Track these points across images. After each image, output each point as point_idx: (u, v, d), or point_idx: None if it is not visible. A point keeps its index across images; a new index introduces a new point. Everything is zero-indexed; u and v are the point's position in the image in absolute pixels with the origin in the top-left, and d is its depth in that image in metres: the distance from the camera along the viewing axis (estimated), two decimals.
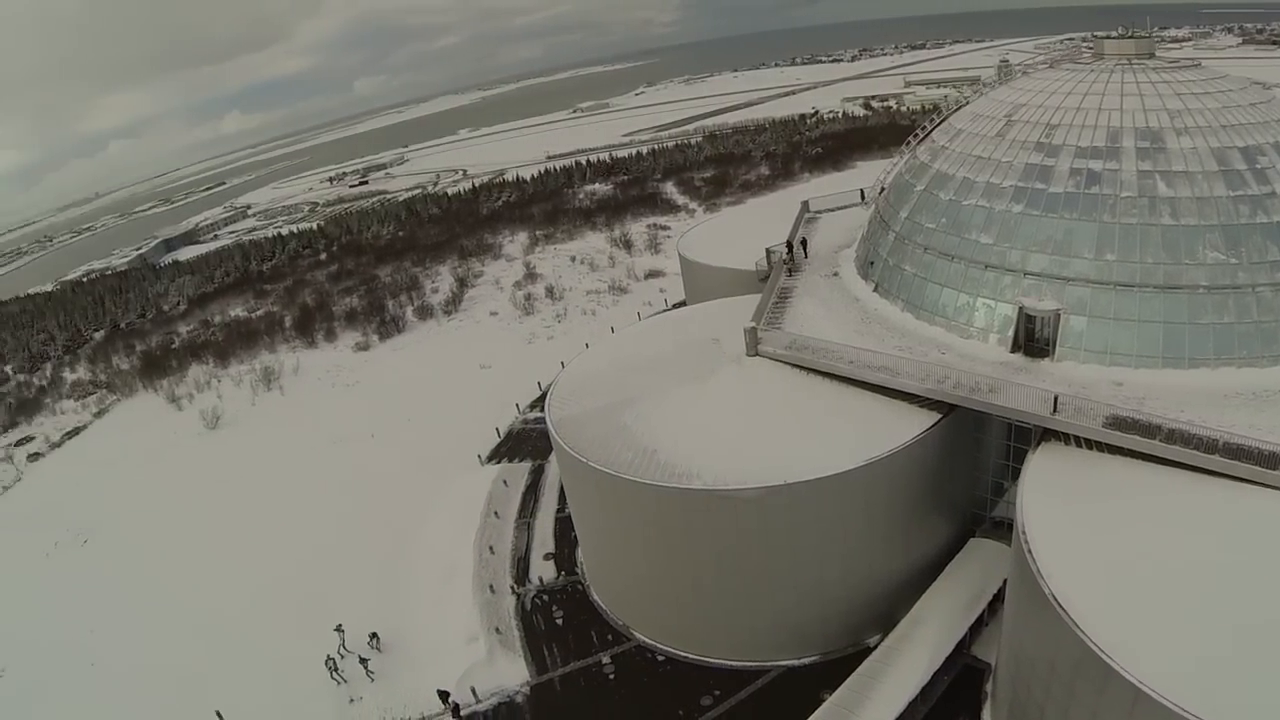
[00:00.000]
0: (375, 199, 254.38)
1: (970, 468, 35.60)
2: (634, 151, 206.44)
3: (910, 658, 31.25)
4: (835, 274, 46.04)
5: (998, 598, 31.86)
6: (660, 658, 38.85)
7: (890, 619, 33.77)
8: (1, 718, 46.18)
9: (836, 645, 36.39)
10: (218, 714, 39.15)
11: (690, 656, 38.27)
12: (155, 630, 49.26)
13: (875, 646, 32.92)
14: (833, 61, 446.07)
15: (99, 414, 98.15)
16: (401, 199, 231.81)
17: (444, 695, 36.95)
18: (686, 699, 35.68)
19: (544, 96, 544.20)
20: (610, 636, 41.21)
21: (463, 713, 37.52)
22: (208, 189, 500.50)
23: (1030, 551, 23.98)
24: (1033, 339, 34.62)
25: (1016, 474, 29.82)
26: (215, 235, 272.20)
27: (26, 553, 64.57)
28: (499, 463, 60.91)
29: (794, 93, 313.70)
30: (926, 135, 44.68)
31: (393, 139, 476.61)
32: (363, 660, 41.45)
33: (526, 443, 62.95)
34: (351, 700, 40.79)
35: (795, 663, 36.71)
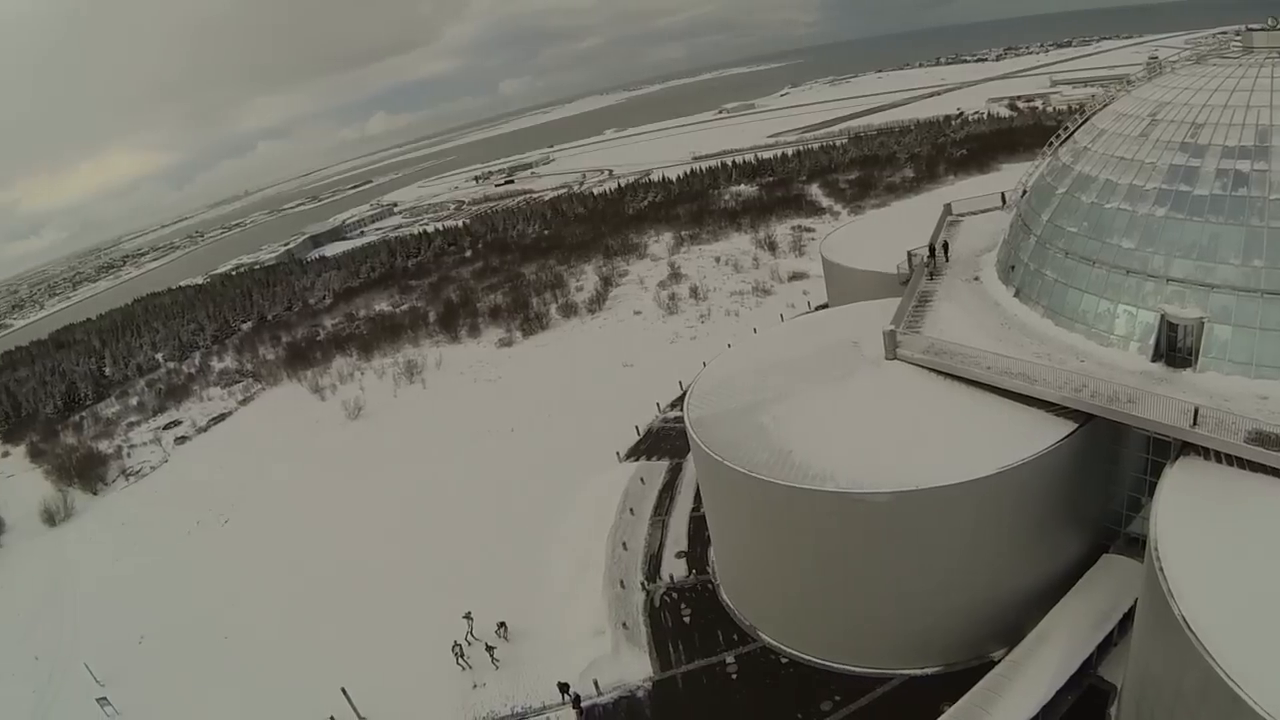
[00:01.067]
0: (521, 198, 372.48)
1: (1105, 480, 49.77)
2: (779, 153, 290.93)
3: (1034, 674, 43.47)
4: (976, 278, 65.90)
5: (1128, 617, 44.21)
6: (784, 660, 54.96)
7: (1016, 633, 47.23)
8: (138, 683, 73.44)
9: (960, 657, 50.64)
10: (343, 690, 59.88)
11: (814, 660, 54.19)
12: (287, 608, 77.76)
13: (999, 661, 46.23)
14: (977, 61, 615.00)
15: (244, 401, 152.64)
16: (547, 198, 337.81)
17: (564, 687, 55.61)
18: (807, 703, 51.18)
19: (689, 97, 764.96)
20: (736, 636, 58.17)
21: (584, 704, 54.86)
22: (354, 187, 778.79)
23: (1162, 570, 33.16)
24: (1174, 348, 48.02)
25: (1153, 489, 41.36)
26: (361, 232, 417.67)
27: (170, 530, 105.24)
28: (637, 460, 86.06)
29: (938, 93, 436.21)
30: (1069, 136, 64.05)
31: (538, 139, 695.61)
32: (489, 648, 61.65)
33: (665, 441, 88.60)
34: (475, 686, 59.88)
35: (918, 673, 50.81)
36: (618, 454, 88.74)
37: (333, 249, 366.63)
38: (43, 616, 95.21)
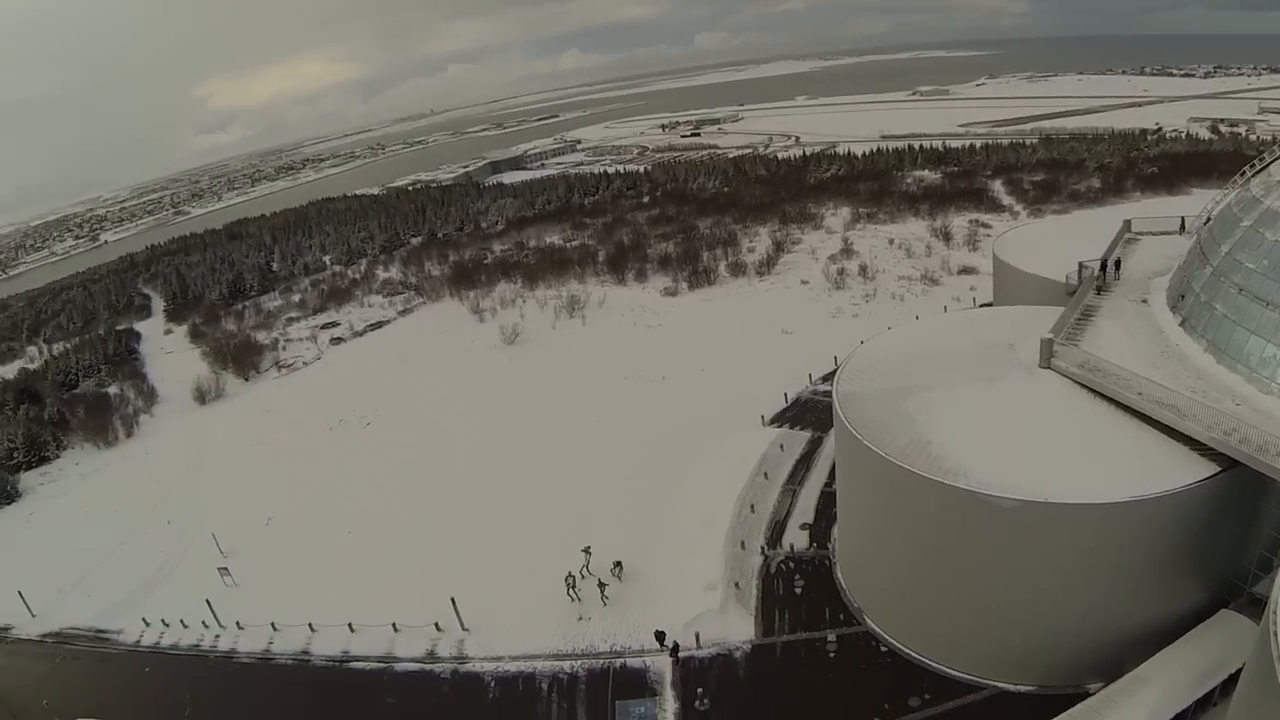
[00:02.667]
0: (705, 152, 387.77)
1: (1240, 533, 48.20)
2: (967, 144, 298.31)
3: (1126, 714, 43.27)
4: (1144, 300, 64.51)
5: (1234, 678, 42.51)
6: (883, 648, 56.23)
7: (1116, 669, 46.78)
8: (258, 560, 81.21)
9: (1056, 681, 50.44)
10: (452, 600, 64.29)
11: (912, 654, 55.31)
12: (413, 513, 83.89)
13: (1094, 693, 46.30)
14: (1184, 76, 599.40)
15: (404, 312, 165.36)
16: (731, 156, 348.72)
17: (660, 636, 58.36)
18: (896, 695, 52.25)
19: (884, 74, 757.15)
20: (842, 616, 59.88)
21: (680, 654, 57.37)
22: (540, 119, 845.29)
23: (1275, 634, 32.28)
24: None
25: None
26: (542, 164, 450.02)
27: (313, 424, 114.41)
28: (780, 427, 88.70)
29: (1138, 104, 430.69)
30: (1264, 168, 61.56)
31: (728, 96, 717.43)
32: (601, 585, 64.47)
33: (811, 413, 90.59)
34: (580, 619, 63.00)
35: (1010, 688, 51.15)
36: (762, 417, 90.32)
37: (511, 177, 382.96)
38: (180, 486, 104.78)
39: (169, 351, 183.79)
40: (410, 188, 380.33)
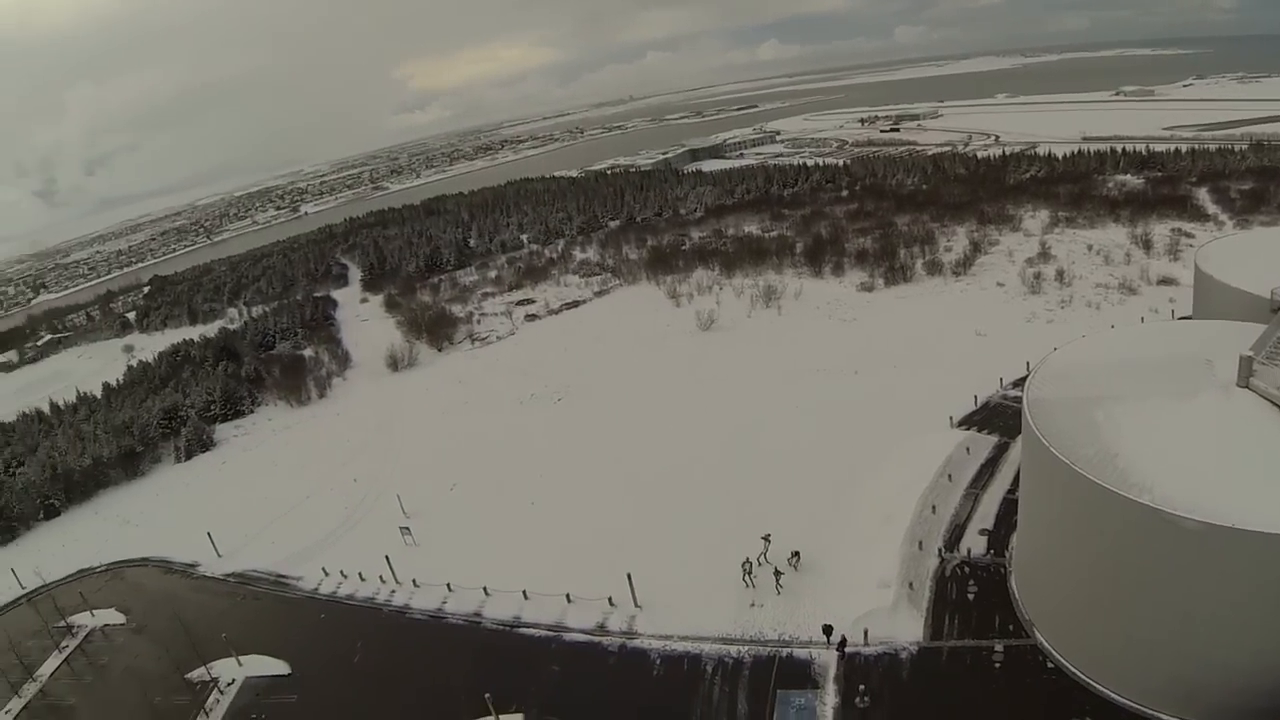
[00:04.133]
0: (904, 148, 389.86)
1: None
2: (1172, 148, 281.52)
3: None
4: None
5: None
6: (1050, 664, 55.23)
7: None
8: (440, 522, 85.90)
9: None
10: (628, 576, 65.47)
11: (1078, 673, 54.08)
12: (597, 490, 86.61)
13: None
14: None
15: (600, 294, 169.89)
16: (930, 153, 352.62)
17: (828, 630, 58.68)
18: (1057, 714, 51.38)
19: (1086, 72, 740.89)
20: (1012, 627, 59.17)
21: (846, 649, 57.74)
22: (739, 109, 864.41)
23: None
24: None
25: None
26: (741, 154, 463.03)
27: (504, 397, 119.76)
28: (967, 429, 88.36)
29: None
30: None
31: (927, 91, 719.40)
32: (777, 573, 65.07)
33: (1000, 417, 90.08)
34: (752, 605, 63.85)
35: None
36: (950, 418, 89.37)
37: (710, 165, 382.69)
38: (368, 447, 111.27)
39: (364, 319, 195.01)
40: (609, 172, 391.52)
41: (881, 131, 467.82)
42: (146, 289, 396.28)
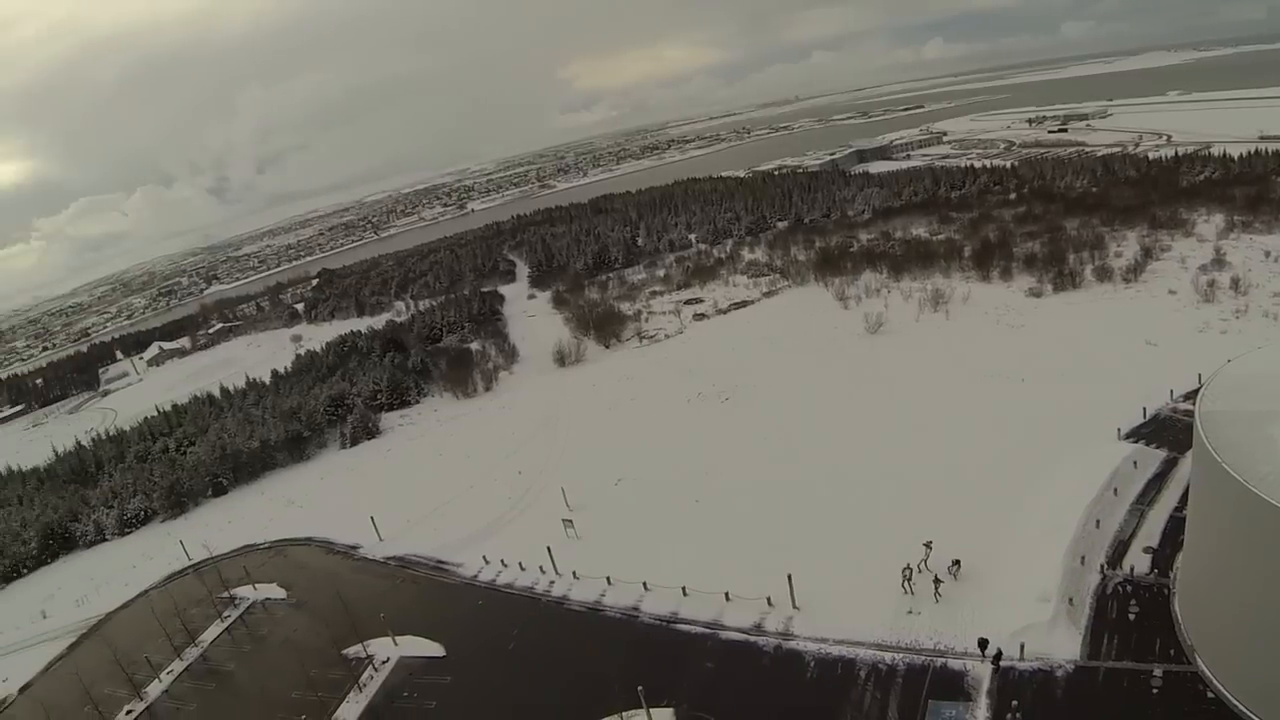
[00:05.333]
0: (1072, 149, 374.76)
1: None
2: None
3: None
4: None
5: None
6: (1210, 694, 52.51)
7: None
8: (603, 516, 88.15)
9: None
10: (788, 577, 66.20)
11: (1241, 706, 51.19)
12: (762, 489, 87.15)
13: None
14: None
15: (768, 294, 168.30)
16: (1099, 154, 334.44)
17: (983, 644, 57.64)
18: None
19: (1263, 67, 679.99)
20: (1172, 652, 56.51)
21: (1001, 663, 56.51)
22: (905, 109, 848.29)
23: None
24: None
25: None
26: (908, 155, 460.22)
27: (672, 395, 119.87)
28: (1135, 442, 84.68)
29: None
30: None
31: (1096, 89, 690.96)
32: (937, 581, 64.64)
33: (1169, 431, 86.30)
34: (909, 612, 63.45)
35: None
36: (1118, 430, 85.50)
37: (876, 166, 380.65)
38: (533, 440, 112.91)
39: (531, 315, 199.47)
40: (776, 172, 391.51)
41: (1049, 132, 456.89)
42: (315, 281, 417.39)
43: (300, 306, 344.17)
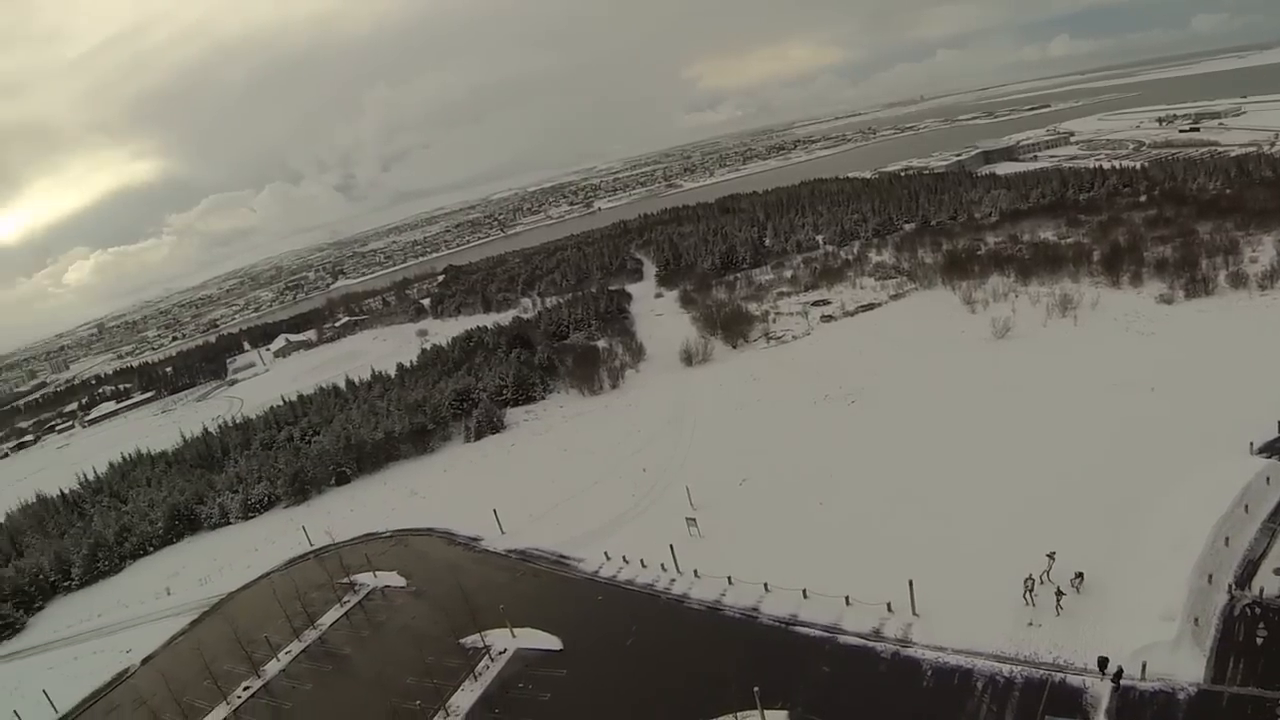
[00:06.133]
0: (1204, 149, 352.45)
1: None
2: None
3: None
4: None
5: None
6: None
7: None
8: (726, 516, 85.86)
9: None
10: (909, 583, 64.11)
11: None
12: (885, 493, 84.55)
13: None
14: None
15: (895, 297, 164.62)
16: (1233, 154, 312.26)
17: (1103, 662, 54.83)
18: None
19: None
20: None
21: (1121, 682, 53.49)
22: (1031, 109, 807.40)
23: None
24: None
25: None
26: (1034, 156, 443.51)
27: (798, 397, 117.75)
28: (1269, 458, 79.90)
29: None
30: None
31: (1229, 86, 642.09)
32: (1059, 593, 61.77)
33: None
34: (1030, 624, 60.67)
35: None
36: (1250, 444, 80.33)
37: (1003, 168, 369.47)
38: (659, 438, 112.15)
39: (658, 314, 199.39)
40: (902, 173, 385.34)
41: (1180, 131, 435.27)
42: (441, 277, 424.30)
43: (426, 302, 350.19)
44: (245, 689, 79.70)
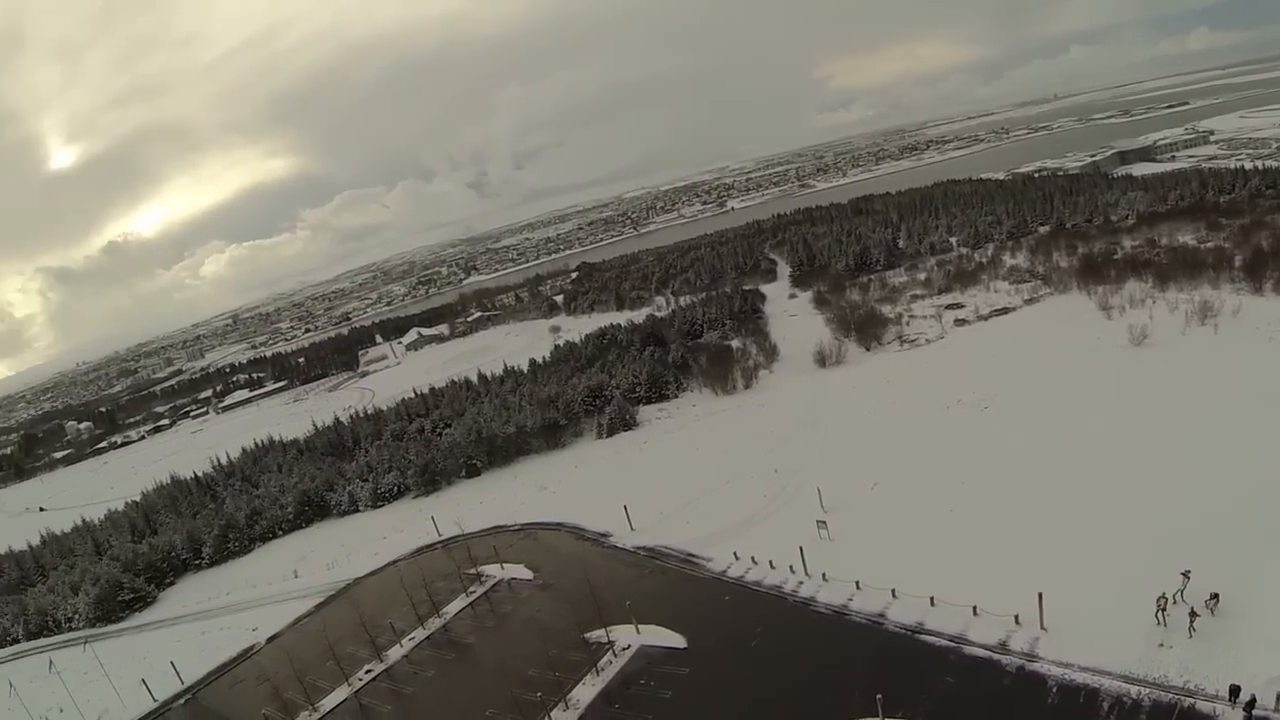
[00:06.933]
0: None
1: None
2: None
3: None
4: None
5: None
6: None
7: None
8: (857, 520, 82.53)
9: None
10: (1039, 595, 60.42)
11: None
12: (1018, 502, 79.97)
13: None
14: None
15: (1029, 301, 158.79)
16: None
17: (1235, 690, 50.66)
18: None
19: None
20: None
21: (1254, 712, 49.84)
22: (1169, 107, 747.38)
23: None
24: None
25: None
26: (1172, 156, 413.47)
27: (929, 401, 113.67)
28: None
29: None
30: None
31: None
32: (1193, 614, 57.79)
33: None
34: (1160, 645, 56.83)
35: None
36: None
37: (1140, 169, 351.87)
38: (791, 439, 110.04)
39: (792, 315, 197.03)
40: (1036, 174, 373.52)
41: None
42: (574, 274, 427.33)
43: (559, 298, 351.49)
44: (367, 672, 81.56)
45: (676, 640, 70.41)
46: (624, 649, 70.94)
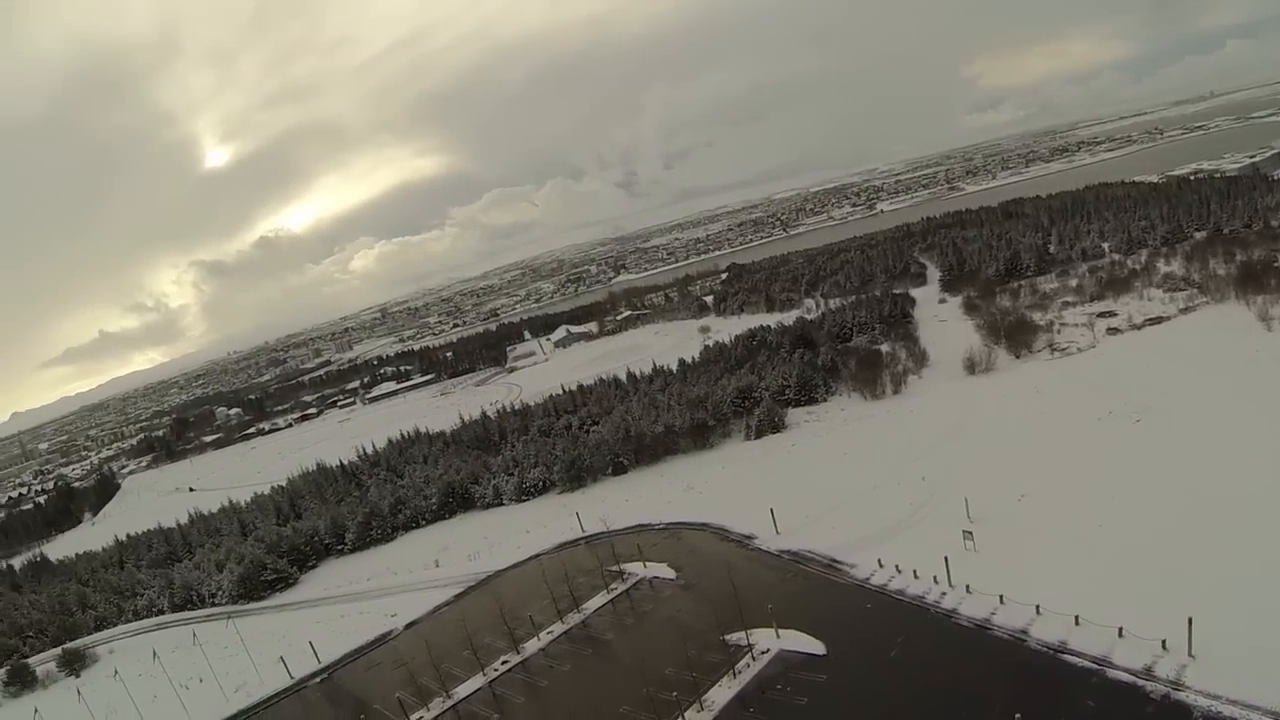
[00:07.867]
0: None
1: None
2: None
3: None
4: None
5: None
6: None
7: None
8: (1003, 531, 77.84)
9: None
10: (1188, 620, 55.62)
11: None
12: (1171, 520, 73.94)
13: None
14: None
15: (1185, 310, 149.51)
16: None
17: None
18: None
19: None
20: None
21: None
22: None
23: None
24: None
25: None
26: None
27: (1080, 412, 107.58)
28: None
29: None
30: None
31: None
32: None
33: None
34: None
35: None
36: None
37: None
38: (940, 447, 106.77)
39: (942, 320, 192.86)
40: (1191, 177, 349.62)
41: None
42: (724, 275, 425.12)
43: (709, 299, 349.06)
44: (503, 663, 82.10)
45: (816, 646, 69.24)
46: (763, 652, 70.19)
